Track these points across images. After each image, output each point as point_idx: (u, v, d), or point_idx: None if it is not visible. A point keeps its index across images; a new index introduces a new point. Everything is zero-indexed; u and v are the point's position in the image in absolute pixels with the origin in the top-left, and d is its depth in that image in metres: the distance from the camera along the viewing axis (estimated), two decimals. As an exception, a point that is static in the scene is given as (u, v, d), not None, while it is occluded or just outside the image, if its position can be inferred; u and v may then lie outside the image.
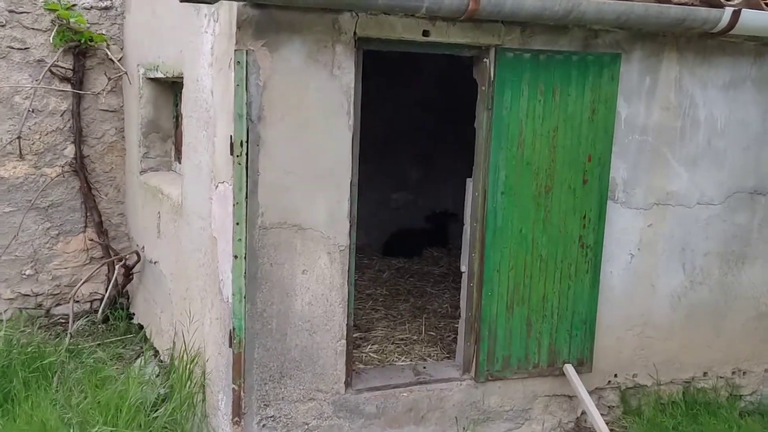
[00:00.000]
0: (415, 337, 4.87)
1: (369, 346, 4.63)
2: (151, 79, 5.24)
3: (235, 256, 3.43)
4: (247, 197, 3.41)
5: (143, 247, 5.41)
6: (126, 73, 5.57)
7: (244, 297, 3.47)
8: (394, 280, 6.21)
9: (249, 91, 3.36)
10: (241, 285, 3.45)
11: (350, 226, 3.68)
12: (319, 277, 3.63)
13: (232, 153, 3.40)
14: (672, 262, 4.40)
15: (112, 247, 5.65)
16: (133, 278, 5.59)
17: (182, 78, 4.36)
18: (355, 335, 4.78)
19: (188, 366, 4.00)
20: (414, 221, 7.42)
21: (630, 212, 4.24)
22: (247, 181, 3.40)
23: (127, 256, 5.43)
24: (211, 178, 3.77)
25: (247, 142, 3.37)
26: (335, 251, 3.64)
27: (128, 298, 5.86)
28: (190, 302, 4.23)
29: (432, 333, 4.94)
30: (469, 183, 4.04)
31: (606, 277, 4.22)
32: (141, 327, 5.48)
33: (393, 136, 7.15)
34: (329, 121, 3.55)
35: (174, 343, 4.50)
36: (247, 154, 3.38)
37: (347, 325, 3.76)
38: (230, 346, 3.52)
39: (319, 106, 3.51)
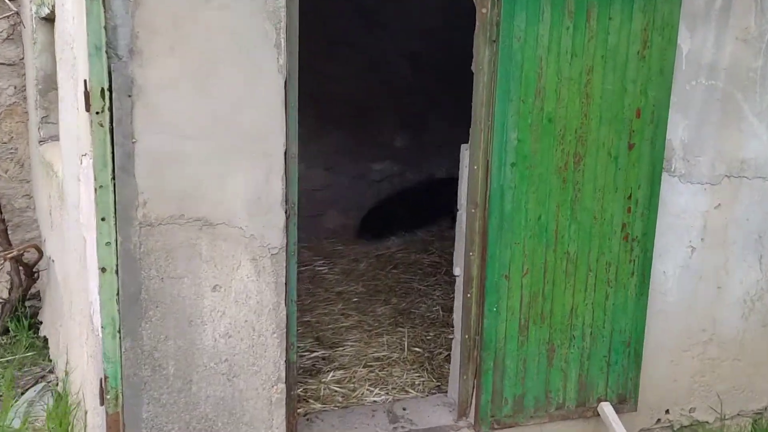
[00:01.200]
0: (395, 356, 3.67)
1: (331, 373, 3.43)
2: (44, 18, 3.97)
3: (102, 269, 2.21)
4: (114, 177, 2.17)
5: (45, 240, 4.20)
6: (17, 13, 4.28)
7: (119, 330, 2.26)
8: (373, 272, 5.01)
9: (111, 8, 2.10)
10: (113, 312, 2.23)
11: (287, 217, 2.45)
12: (240, 296, 2.42)
13: (88, 109, 2.16)
14: (746, 256, 3.19)
15: (8, 239, 4.41)
16: (38, 278, 4.38)
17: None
18: (314, 354, 3.60)
19: (67, 417, 2.82)
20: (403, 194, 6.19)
21: (691, 188, 3.01)
22: (113, 152, 2.16)
23: (25, 250, 4.20)
24: (78, 148, 2.53)
25: (110, 89, 2.13)
26: (264, 256, 2.42)
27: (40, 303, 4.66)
28: (73, 324, 3.03)
29: (418, 349, 3.75)
30: (465, 150, 2.81)
31: (658, 279, 3.01)
32: (46, 341, 4.28)
33: (374, 96, 5.88)
34: (248, 58, 2.29)
35: (66, 374, 3.32)
36: (110, 109, 2.14)
37: (287, 361, 2.55)
38: (101, 403, 2.32)
39: (228, 34, 2.26)
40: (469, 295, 2.80)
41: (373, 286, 4.71)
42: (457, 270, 2.91)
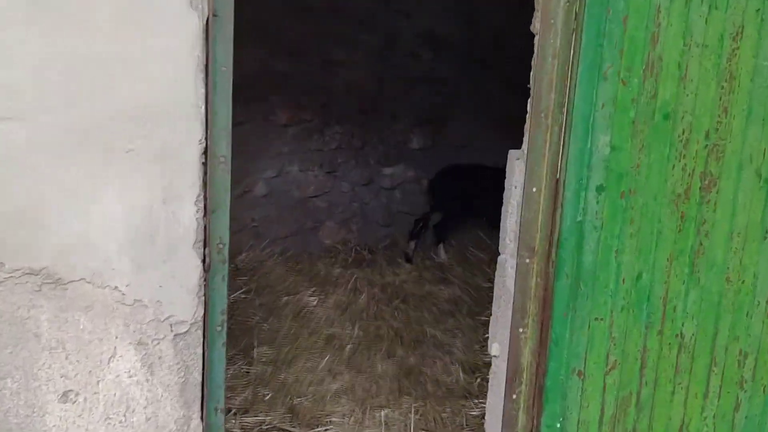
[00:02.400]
0: (396, 445, 2.60)
1: (301, 478, 2.36)
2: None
3: None
4: None
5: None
6: None
7: None
8: (376, 308, 3.92)
9: None
10: None
11: (206, 267, 1.39)
12: (115, 410, 1.36)
13: None
14: None
15: None
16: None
17: None
18: (282, 441, 2.54)
19: None
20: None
21: None
22: None
23: None
24: None
25: None
26: (161, 338, 1.36)
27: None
28: None
29: (428, 434, 2.67)
30: (515, 160, 1.72)
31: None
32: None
33: (385, 87, 4.81)
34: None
35: None
36: None
37: None
38: None
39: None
40: (515, 397, 1.72)
41: (373, 330, 3.63)
42: (495, 348, 1.83)
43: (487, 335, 3.58)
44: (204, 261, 1.36)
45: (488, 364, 3.23)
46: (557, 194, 1.57)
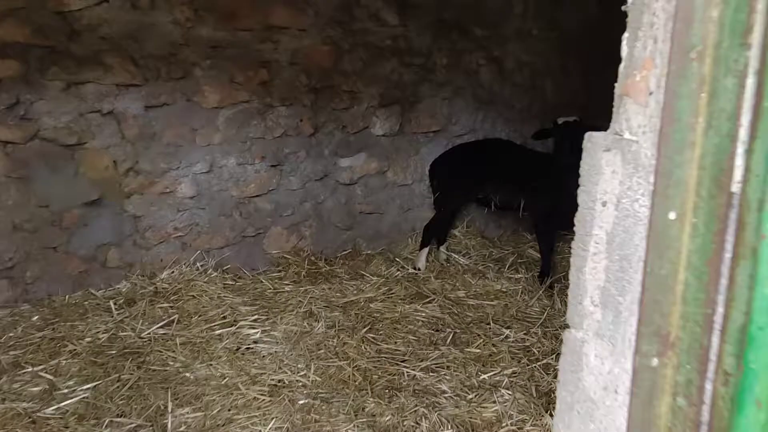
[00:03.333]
0: None
1: None
2: None
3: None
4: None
5: None
6: None
7: None
8: (337, 339, 3.05)
9: None
10: None
11: None
12: None
13: None
14: None
15: None
16: None
17: None
18: None
19: None
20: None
21: None
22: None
23: None
24: None
25: None
26: None
27: None
28: None
29: None
30: (600, 148, 0.89)
31: None
32: None
33: (342, 59, 3.93)
34: None
35: None
36: None
37: None
38: None
39: None
40: None
41: (334, 372, 2.76)
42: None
43: (482, 375, 2.76)
44: None
45: (489, 424, 2.41)
46: (728, 226, 0.73)
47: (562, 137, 3.59)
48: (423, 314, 3.35)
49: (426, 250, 4.03)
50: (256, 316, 3.18)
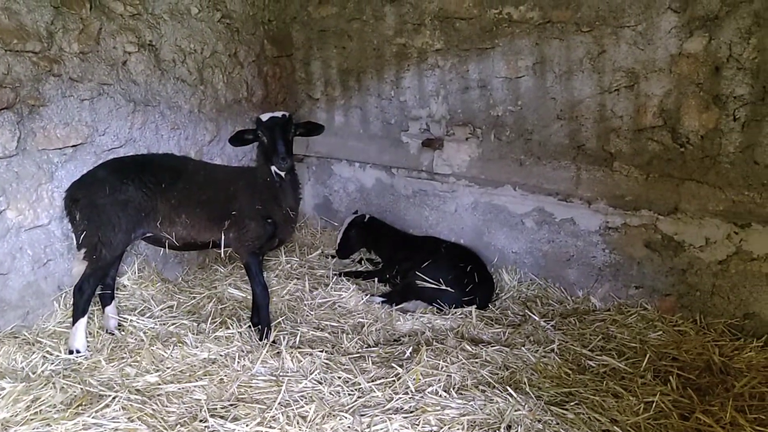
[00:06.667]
0: None
1: None
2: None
3: None
4: None
5: None
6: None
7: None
8: None
9: None
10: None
11: None
12: None
13: None
14: None
15: None
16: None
17: None
18: None
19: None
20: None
21: None
22: None
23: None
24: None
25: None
26: None
27: None
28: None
29: None
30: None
31: None
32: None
33: None
34: None
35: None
36: None
37: None
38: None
39: None
40: None
41: None
42: None
43: None
44: None
45: None
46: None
47: (272, 136, 2.68)
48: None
49: (84, 320, 2.73)
50: None
